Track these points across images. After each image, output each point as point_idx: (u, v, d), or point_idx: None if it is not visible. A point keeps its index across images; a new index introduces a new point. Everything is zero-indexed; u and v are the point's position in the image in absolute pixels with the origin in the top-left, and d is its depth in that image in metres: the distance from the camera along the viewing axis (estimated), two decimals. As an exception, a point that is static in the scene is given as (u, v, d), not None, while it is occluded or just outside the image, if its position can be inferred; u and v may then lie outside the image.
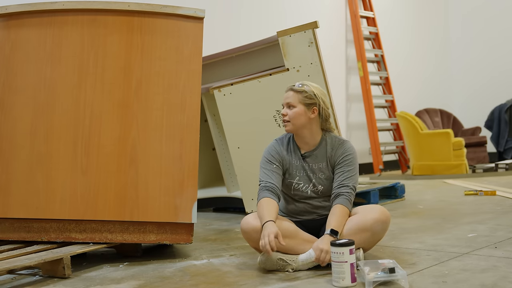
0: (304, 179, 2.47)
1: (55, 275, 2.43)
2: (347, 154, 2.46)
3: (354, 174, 2.43)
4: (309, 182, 2.46)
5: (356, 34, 7.73)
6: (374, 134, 7.45)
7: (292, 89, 2.47)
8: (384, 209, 2.34)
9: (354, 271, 2.04)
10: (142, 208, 2.70)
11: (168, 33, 2.84)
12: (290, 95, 2.46)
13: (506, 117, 7.99)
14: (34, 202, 2.73)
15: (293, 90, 2.46)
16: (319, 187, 2.45)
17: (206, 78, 4.37)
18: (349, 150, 2.48)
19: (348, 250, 2.03)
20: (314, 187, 2.45)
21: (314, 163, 2.47)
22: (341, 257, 2.03)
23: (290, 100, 2.46)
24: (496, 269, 2.16)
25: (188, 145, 2.76)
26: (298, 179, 2.46)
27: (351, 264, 2.03)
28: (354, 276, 2.04)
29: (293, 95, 2.45)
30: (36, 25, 2.85)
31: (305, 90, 2.45)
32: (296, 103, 2.44)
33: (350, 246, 2.04)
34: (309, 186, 2.46)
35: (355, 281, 2.04)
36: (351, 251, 2.03)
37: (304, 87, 2.46)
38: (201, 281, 2.25)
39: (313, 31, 3.49)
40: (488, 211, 3.74)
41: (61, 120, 2.78)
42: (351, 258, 2.03)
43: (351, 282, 2.02)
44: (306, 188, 2.46)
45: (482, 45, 9.29)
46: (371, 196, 4.22)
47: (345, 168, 2.43)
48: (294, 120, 2.44)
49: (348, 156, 2.46)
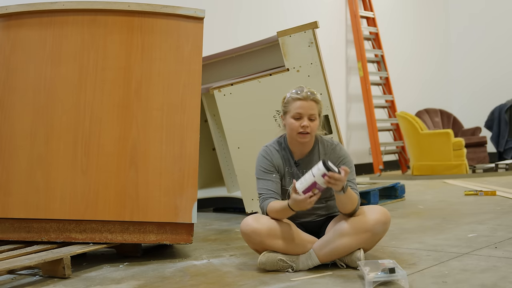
0: None
1: (55, 275, 2.43)
2: (343, 158, 2.43)
3: (353, 178, 2.42)
4: None
5: (356, 34, 7.73)
6: (374, 134, 7.45)
7: (314, 100, 2.35)
8: (384, 210, 2.34)
9: (313, 190, 2.14)
10: (142, 208, 2.70)
11: (168, 33, 2.84)
12: (313, 107, 2.35)
13: (506, 117, 7.99)
14: (34, 202, 2.73)
15: (315, 101, 2.36)
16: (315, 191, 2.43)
17: (206, 78, 4.37)
18: (344, 154, 2.44)
19: (322, 173, 2.11)
20: None
21: (308, 169, 2.44)
22: (316, 172, 2.12)
23: (313, 112, 2.35)
24: (496, 269, 2.16)
25: (188, 145, 2.76)
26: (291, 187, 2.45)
27: (313, 182, 2.13)
28: (309, 192, 2.13)
29: (315, 106, 2.36)
30: (36, 25, 2.85)
31: (320, 101, 2.39)
32: (317, 115, 2.37)
33: (327, 170, 2.11)
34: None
35: (305, 193, 2.14)
36: (324, 176, 2.11)
37: (318, 96, 2.39)
38: (201, 281, 2.25)
39: (313, 31, 3.49)
40: (488, 211, 3.74)
41: (61, 120, 2.78)
42: (319, 179, 2.12)
43: (301, 191, 2.14)
44: None
45: (483, 46, 9.29)
46: (371, 196, 4.22)
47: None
48: (313, 133, 2.37)
49: (345, 159, 2.43)
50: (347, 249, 2.27)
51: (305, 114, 2.34)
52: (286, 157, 2.45)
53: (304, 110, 2.33)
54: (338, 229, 2.30)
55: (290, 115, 2.37)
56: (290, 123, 2.36)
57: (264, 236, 2.30)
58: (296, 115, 2.35)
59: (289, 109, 2.37)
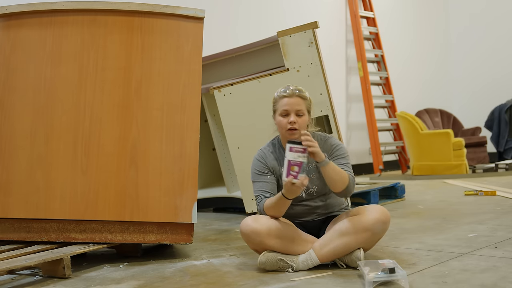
0: None
1: (55, 275, 2.43)
2: (335, 146, 2.45)
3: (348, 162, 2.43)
4: None
5: (356, 34, 7.73)
6: (374, 134, 7.46)
7: (300, 96, 2.38)
8: (384, 209, 2.34)
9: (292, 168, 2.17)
10: (142, 208, 2.70)
11: (168, 33, 2.84)
12: (300, 102, 2.37)
13: (506, 117, 7.99)
14: (34, 202, 2.73)
15: (301, 97, 2.38)
16: (313, 188, 2.44)
17: (206, 78, 4.37)
18: (336, 143, 2.46)
19: (289, 148, 2.17)
20: (307, 190, 2.44)
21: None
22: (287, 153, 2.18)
23: (301, 108, 2.37)
24: (496, 269, 2.16)
25: (188, 145, 2.76)
26: None
27: (287, 161, 2.17)
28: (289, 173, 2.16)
29: (302, 102, 2.38)
30: (36, 25, 2.85)
31: (308, 97, 2.42)
32: (304, 110, 2.38)
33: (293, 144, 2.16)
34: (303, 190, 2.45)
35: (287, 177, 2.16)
36: (291, 149, 2.16)
37: (306, 93, 2.42)
38: (201, 281, 2.25)
39: (313, 31, 3.49)
40: (488, 211, 3.74)
41: (61, 120, 2.78)
42: (289, 156, 2.17)
43: (285, 176, 2.16)
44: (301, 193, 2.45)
45: (483, 46, 9.29)
46: (371, 196, 4.22)
47: (340, 160, 2.41)
48: (302, 129, 2.38)
49: (337, 147, 2.45)
50: (346, 248, 2.27)
51: (292, 110, 2.37)
52: (281, 157, 2.45)
53: (290, 107, 2.37)
54: (338, 228, 2.30)
55: (278, 113, 2.41)
56: (279, 121, 2.40)
57: (263, 236, 2.30)
58: (283, 112, 2.38)
59: (277, 107, 2.41)
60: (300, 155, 2.17)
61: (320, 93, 3.49)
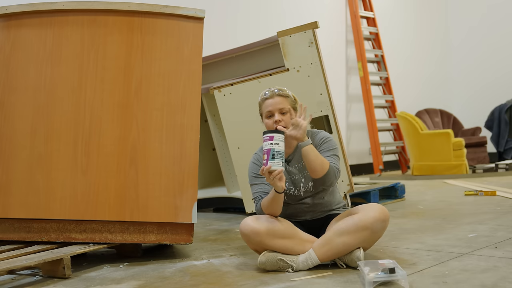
0: (293, 184, 2.47)
1: (55, 275, 2.43)
2: (325, 139, 2.47)
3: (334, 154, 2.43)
4: (298, 185, 2.46)
5: (356, 34, 7.73)
6: (374, 134, 7.46)
7: (280, 95, 2.42)
8: (383, 208, 2.35)
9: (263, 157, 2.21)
10: (142, 208, 2.70)
11: (168, 33, 2.84)
12: (281, 101, 2.41)
13: (506, 117, 7.99)
14: (34, 202, 2.73)
15: (281, 96, 2.42)
16: (310, 183, 2.45)
17: (206, 78, 4.37)
18: (325, 136, 2.49)
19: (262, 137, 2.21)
20: (304, 187, 2.46)
21: (299, 162, 2.47)
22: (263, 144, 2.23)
23: (283, 106, 2.40)
24: (496, 269, 2.16)
25: (188, 145, 2.76)
26: (287, 185, 2.46)
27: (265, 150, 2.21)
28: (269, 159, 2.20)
29: (284, 100, 2.42)
30: (36, 25, 2.85)
31: (290, 95, 2.45)
32: (289, 108, 2.42)
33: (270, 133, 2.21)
34: (300, 188, 2.46)
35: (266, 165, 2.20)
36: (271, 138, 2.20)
37: (287, 91, 2.45)
38: (201, 281, 2.25)
39: (313, 31, 3.49)
40: (488, 211, 3.74)
41: (61, 120, 2.78)
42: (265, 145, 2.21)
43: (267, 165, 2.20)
44: (298, 191, 2.46)
45: (483, 46, 9.29)
46: (371, 196, 4.22)
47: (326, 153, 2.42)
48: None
49: (326, 140, 2.47)
50: (346, 247, 2.27)
51: (275, 110, 2.41)
52: None
53: (273, 107, 2.41)
54: (337, 227, 2.31)
55: (264, 116, 2.47)
56: (265, 123, 2.45)
57: (263, 236, 2.30)
58: (267, 114, 2.44)
59: (262, 111, 2.47)
60: (267, 143, 2.22)
61: (320, 93, 3.49)
